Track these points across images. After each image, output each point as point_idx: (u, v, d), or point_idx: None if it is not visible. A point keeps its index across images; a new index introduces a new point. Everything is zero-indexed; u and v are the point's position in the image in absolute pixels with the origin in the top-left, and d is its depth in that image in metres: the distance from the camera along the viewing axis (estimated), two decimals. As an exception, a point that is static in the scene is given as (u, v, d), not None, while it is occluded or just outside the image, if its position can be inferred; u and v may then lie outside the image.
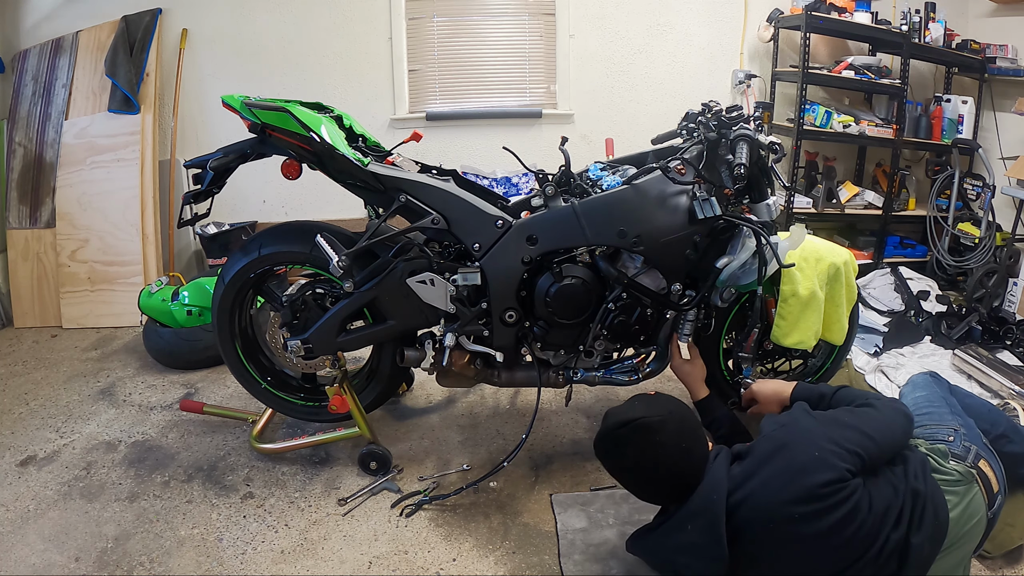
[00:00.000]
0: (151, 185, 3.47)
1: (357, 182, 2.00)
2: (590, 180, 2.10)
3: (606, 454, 1.60)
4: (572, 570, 1.72)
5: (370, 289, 2.01)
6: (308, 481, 2.12)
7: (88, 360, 3.01)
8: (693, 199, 1.92)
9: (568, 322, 2.02)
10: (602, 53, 4.01)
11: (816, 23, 3.60)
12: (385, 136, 3.84)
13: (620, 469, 1.59)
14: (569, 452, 2.25)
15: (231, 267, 2.13)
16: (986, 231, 3.54)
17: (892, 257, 3.93)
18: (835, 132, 3.73)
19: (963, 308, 3.27)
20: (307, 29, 3.80)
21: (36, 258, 3.45)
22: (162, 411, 2.55)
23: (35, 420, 2.50)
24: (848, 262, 2.25)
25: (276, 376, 2.31)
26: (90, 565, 1.78)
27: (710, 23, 4.02)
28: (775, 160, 2.04)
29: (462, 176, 2.21)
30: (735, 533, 1.40)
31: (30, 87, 3.58)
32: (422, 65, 3.97)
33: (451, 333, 2.03)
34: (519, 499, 2.02)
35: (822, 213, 3.84)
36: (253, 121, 1.96)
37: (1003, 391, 2.48)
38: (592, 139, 4.01)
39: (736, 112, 1.97)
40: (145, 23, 3.55)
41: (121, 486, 2.11)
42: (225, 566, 1.78)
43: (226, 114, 2.05)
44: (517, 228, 1.96)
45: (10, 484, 2.12)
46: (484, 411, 2.53)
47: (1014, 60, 3.70)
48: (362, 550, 1.83)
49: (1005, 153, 3.66)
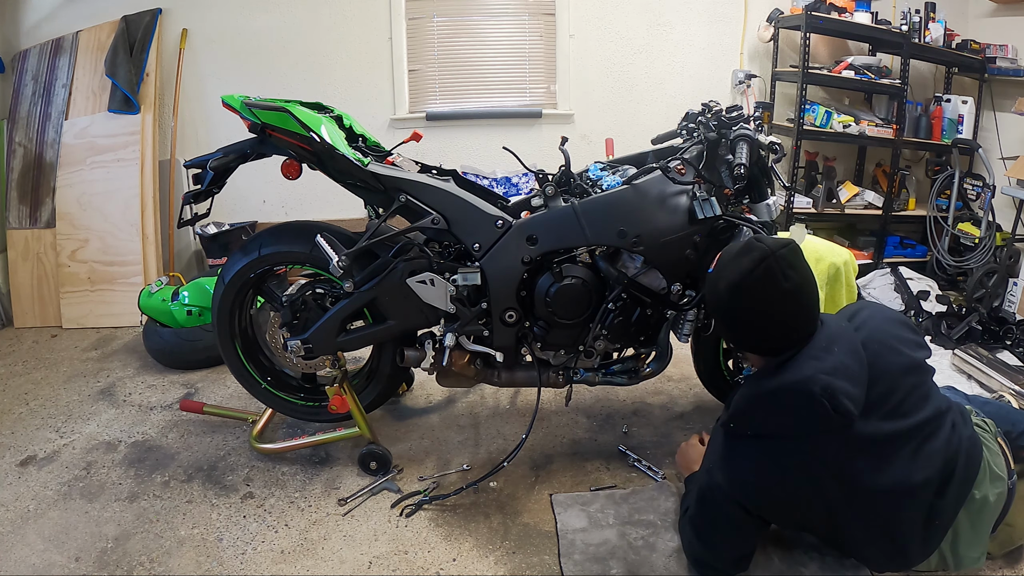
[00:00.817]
0: (151, 185, 3.47)
1: (357, 182, 2.00)
2: (590, 180, 2.10)
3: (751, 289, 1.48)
4: (572, 570, 1.72)
5: (370, 289, 2.01)
6: (308, 481, 2.12)
7: (88, 360, 3.01)
8: (693, 199, 1.92)
9: (568, 322, 2.02)
10: (602, 53, 4.01)
11: (816, 23, 3.60)
12: (385, 136, 3.84)
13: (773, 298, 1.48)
14: (569, 452, 2.25)
15: (231, 267, 2.13)
16: (986, 231, 3.54)
17: (892, 257, 3.93)
18: (835, 132, 3.73)
19: (963, 308, 3.27)
20: (307, 29, 3.80)
21: (36, 258, 3.45)
22: (162, 411, 2.55)
23: (35, 420, 2.50)
24: (848, 262, 2.25)
25: (276, 376, 2.31)
26: (90, 565, 1.78)
27: (710, 23, 4.02)
28: (775, 160, 2.04)
29: (462, 176, 2.21)
30: None
31: (30, 87, 3.58)
32: (422, 65, 3.97)
33: (451, 333, 2.03)
34: (519, 499, 2.02)
35: (822, 213, 3.85)
36: (253, 121, 1.96)
37: (1003, 391, 2.49)
38: (592, 139, 4.01)
39: (736, 112, 1.98)
40: (145, 23, 3.55)
41: (121, 486, 2.11)
42: (225, 566, 1.78)
43: (226, 114, 2.05)
44: (517, 228, 1.96)
45: (10, 484, 2.12)
46: (484, 411, 2.53)
47: (1014, 60, 3.70)
48: (362, 550, 1.83)
49: (1005, 153, 3.66)
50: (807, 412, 1.42)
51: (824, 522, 1.54)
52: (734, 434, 1.56)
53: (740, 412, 1.53)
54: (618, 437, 2.33)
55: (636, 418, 2.45)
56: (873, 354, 1.51)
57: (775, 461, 1.48)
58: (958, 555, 1.56)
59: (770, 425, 1.50)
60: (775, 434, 1.49)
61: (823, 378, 1.40)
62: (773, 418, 1.48)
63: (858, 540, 1.54)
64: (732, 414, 1.55)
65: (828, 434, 1.44)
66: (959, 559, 1.56)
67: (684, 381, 2.68)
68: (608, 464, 2.18)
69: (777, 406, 1.47)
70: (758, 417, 1.51)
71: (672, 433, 2.33)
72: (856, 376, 1.44)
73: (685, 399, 2.58)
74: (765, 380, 1.50)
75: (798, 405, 1.43)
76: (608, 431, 2.37)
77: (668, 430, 2.36)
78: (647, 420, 2.44)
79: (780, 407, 1.46)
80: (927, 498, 1.50)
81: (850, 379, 1.43)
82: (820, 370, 1.42)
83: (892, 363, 1.51)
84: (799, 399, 1.42)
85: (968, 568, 1.59)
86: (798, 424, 1.45)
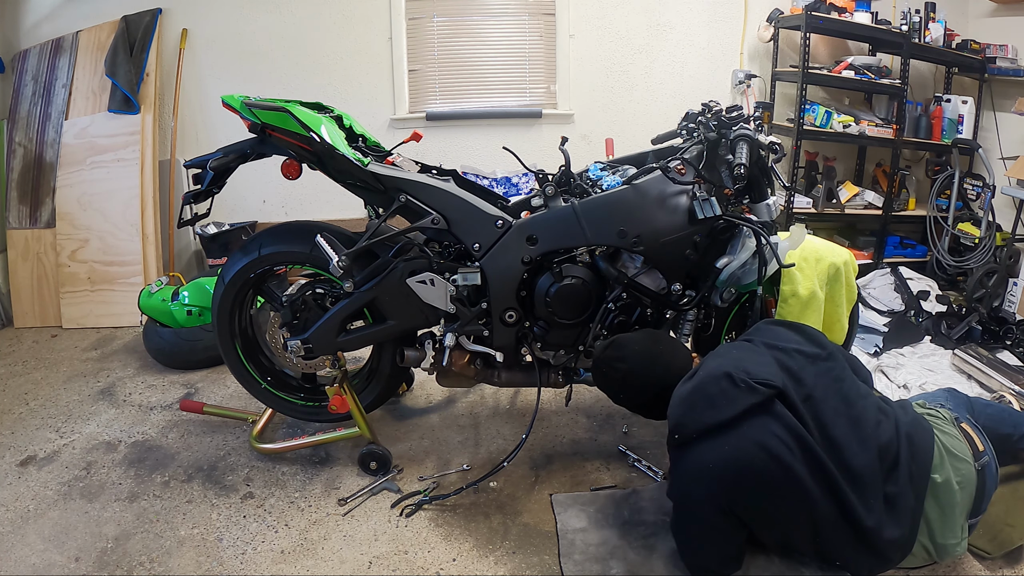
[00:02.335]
0: (151, 185, 3.47)
1: (357, 182, 2.00)
2: (590, 180, 2.10)
3: (605, 375, 1.77)
4: (572, 570, 1.72)
5: (370, 289, 2.01)
6: (308, 481, 2.12)
7: (88, 360, 3.01)
8: (693, 199, 1.92)
9: (568, 322, 2.02)
10: (602, 53, 4.01)
11: (816, 23, 3.60)
12: (385, 136, 3.84)
13: (620, 380, 1.74)
14: (569, 452, 2.25)
15: (231, 267, 2.13)
16: (986, 231, 3.54)
17: (892, 257, 3.93)
18: (835, 132, 3.73)
19: (963, 308, 3.27)
20: (307, 29, 3.80)
21: (36, 258, 3.45)
22: (162, 411, 2.55)
23: (35, 420, 2.50)
24: (848, 262, 2.25)
25: (276, 376, 2.31)
26: (90, 565, 1.78)
27: (710, 23, 4.02)
28: (775, 160, 2.04)
29: (462, 176, 2.21)
30: None
31: (30, 87, 3.58)
32: (422, 65, 3.97)
33: (451, 333, 2.03)
34: (519, 499, 2.02)
35: (822, 213, 3.84)
36: (253, 121, 1.96)
37: (1003, 391, 2.49)
38: (592, 139, 4.01)
39: (736, 112, 1.98)
40: (145, 23, 3.55)
41: (121, 486, 2.11)
42: (225, 566, 1.78)
43: (226, 114, 2.05)
44: (517, 228, 1.96)
45: (10, 484, 2.12)
46: (484, 411, 2.53)
47: (1014, 60, 3.70)
48: (362, 550, 1.83)
49: (1005, 153, 3.66)
50: (731, 393, 1.50)
51: (802, 521, 1.53)
52: (681, 443, 1.58)
53: (676, 420, 1.58)
54: (618, 437, 2.33)
55: (636, 418, 2.45)
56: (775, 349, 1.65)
57: (729, 451, 1.50)
58: (938, 544, 1.56)
59: (706, 419, 1.53)
60: (716, 426, 1.52)
61: (730, 365, 1.55)
62: (706, 411, 1.53)
63: (832, 540, 1.53)
64: (671, 427, 1.60)
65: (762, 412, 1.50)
66: (940, 548, 1.56)
67: (684, 381, 2.68)
68: (608, 464, 2.18)
69: (703, 399, 1.54)
70: (693, 417, 1.55)
71: (672, 433, 2.33)
72: (762, 360, 1.58)
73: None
74: (682, 385, 1.61)
75: (720, 390, 1.52)
76: (608, 431, 2.37)
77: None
78: (647, 420, 2.43)
79: (706, 399, 1.53)
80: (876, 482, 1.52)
81: (758, 362, 1.57)
82: (724, 363, 1.57)
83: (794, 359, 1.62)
84: (719, 384, 1.53)
85: (952, 556, 1.59)
86: (729, 408, 1.50)
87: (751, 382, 1.51)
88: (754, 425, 1.49)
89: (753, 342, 1.71)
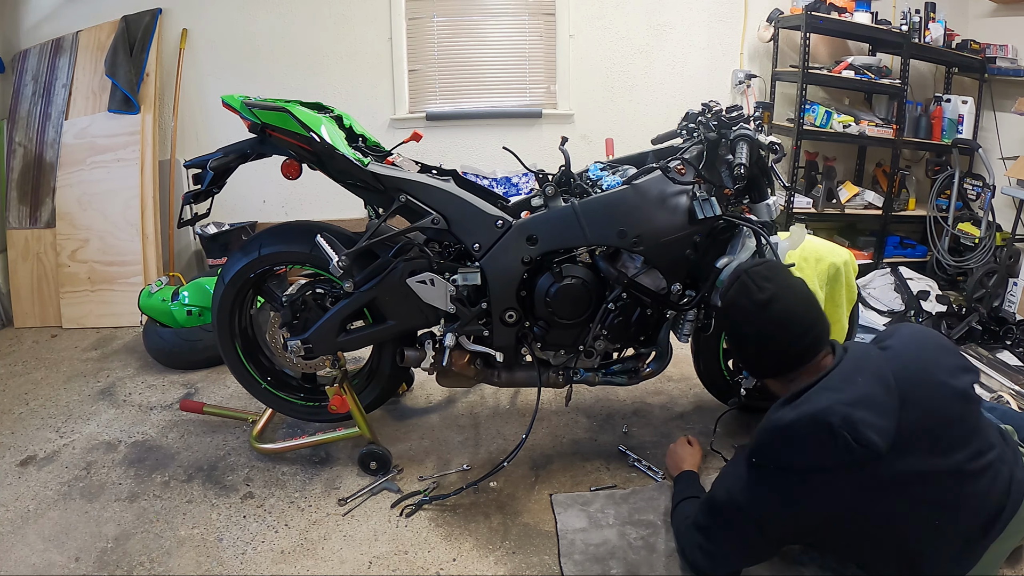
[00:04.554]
0: (151, 185, 3.47)
1: (357, 182, 2.00)
2: (590, 180, 2.10)
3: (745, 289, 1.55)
4: (572, 570, 1.72)
5: (370, 289, 2.01)
6: (308, 481, 2.12)
7: (88, 360, 3.01)
8: (693, 199, 1.92)
9: (568, 322, 2.02)
10: (602, 53, 4.01)
11: (816, 23, 3.60)
12: (385, 136, 3.84)
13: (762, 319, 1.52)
14: (569, 452, 2.25)
15: (231, 267, 2.13)
16: (986, 231, 3.54)
17: (892, 257, 3.93)
18: (835, 132, 3.73)
19: (963, 308, 3.27)
20: (307, 29, 3.80)
21: (36, 258, 3.45)
22: (162, 411, 2.55)
23: (35, 420, 2.50)
24: (848, 262, 2.25)
25: (276, 376, 2.31)
26: (90, 565, 1.78)
27: (710, 23, 4.02)
28: (775, 160, 2.04)
29: (462, 176, 2.21)
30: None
31: (30, 87, 3.58)
32: (422, 65, 3.97)
33: (451, 333, 2.03)
34: (519, 499, 2.02)
35: (822, 213, 3.85)
36: (253, 121, 1.96)
37: (1003, 391, 2.49)
38: (592, 139, 4.01)
39: (736, 112, 1.97)
40: (145, 23, 3.55)
41: (121, 486, 2.11)
42: (225, 566, 1.78)
43: (226, 114, 2.05)
44: (517, 228, 1.96)
45: (10, 484, 2.12)
46: (484, 411, 2.53)
47: (1014, 60, 3.70)
48: (362, 550, 1.83)
49: (1005, 153, 3.66)
50: (827, 445, 1.34)
51: (846, 548, 1.52)
52: (757, 465, 1.49)
53: (762, 445, 1.47)
54: (618, 437, 2.33)
55: (636, 418, 2.45)
56: (907, 383, 1.41)
57: (799, 495, 1.43)
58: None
59: (792, 459, 1.42)
60: (798, 468, 1.42)
61: (841, 408, 1.34)
62: (794, 452, 1.41)
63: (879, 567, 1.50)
64: (754, 448, 1.49)
65: (853, 468, 1.36)
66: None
67: (684, 381, 2.68)
68: (608, 464, 2.18)
69: (796, 439, 1.40)
70: (779, 451, 1.44)
71: (672, 433, 2.33)
72: (883, 406, 1.36)
73: (685, 399, 2.58)
74: (784, 411, 1.44)
75: (817, 438, 1.36)
76: (608, 431, 2.37)
77: (668, 430, 2.36)
78: (647, 420, 2.44)
79: (799, 441, 1.39)
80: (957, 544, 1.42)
81: (875, 410, 1.35)
82: (839, 400, 1.36)
83: (930, 392, 1.42)
84: (817, 431, 1.36)
85: None
86: (819, 458, 1.38)
87: (850, 439, 1.32)
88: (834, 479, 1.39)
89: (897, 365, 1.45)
